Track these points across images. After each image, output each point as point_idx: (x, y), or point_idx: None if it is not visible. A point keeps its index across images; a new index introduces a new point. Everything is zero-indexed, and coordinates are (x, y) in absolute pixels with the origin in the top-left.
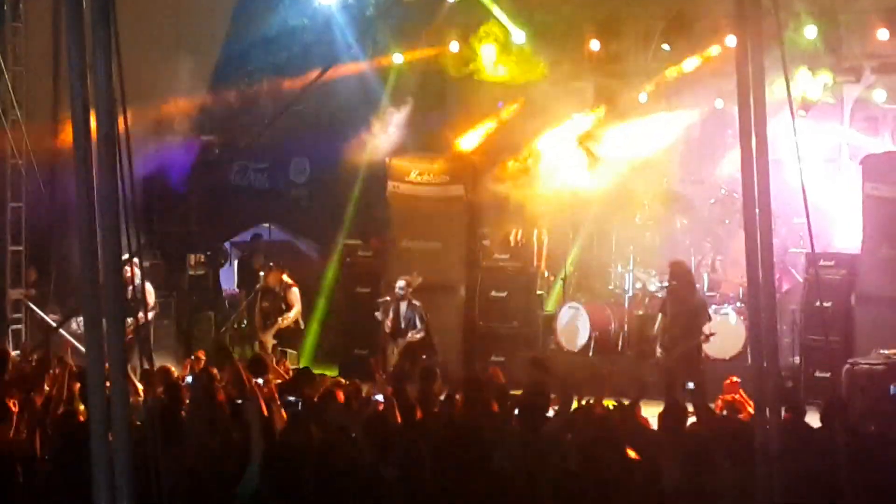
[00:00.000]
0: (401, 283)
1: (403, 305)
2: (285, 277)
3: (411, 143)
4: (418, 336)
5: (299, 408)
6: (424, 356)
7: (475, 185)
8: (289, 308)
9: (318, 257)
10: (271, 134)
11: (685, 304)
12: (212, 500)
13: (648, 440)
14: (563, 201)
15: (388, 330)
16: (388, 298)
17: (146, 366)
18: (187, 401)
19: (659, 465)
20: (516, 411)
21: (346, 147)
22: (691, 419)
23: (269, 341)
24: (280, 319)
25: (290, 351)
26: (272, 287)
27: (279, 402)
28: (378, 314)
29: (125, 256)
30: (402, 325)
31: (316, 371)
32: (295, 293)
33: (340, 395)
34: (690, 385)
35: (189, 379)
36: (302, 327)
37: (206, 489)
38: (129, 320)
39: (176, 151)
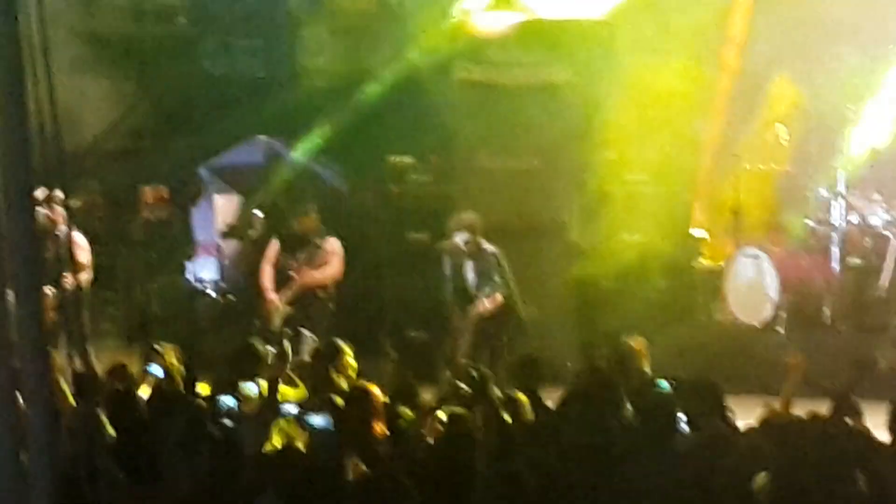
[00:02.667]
0: (461, 236)
1: (471, 260)
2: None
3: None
4: (490, 302)
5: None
6: (502, 336)
7: (594, 65)
8: (322, 266)
9: (345, 187)
10: None
11: None
12: None
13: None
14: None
15: (451, 298)
16: (455, 242)
17: (78, 360)
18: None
19: None
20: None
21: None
22: None
23: (281, 309)
24: (305, 273)
25: (306, 333)
26: (303, 236)
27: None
28: (446, 270)
29: (40, 191)
30: (473, 290)
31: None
32: (336, 247)
33: (377, 409)
34: None
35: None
36: (331, 304)
37: None
38: (51, 290)
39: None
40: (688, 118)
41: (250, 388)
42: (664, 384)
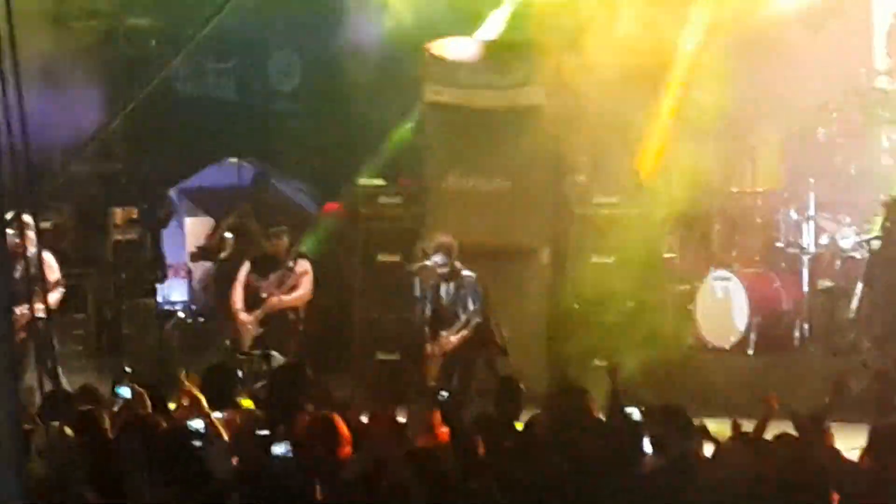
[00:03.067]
0: (437, 258)
1: (448, 284)
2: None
3: (460, 22)
4: (470, 324)
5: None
6: (483, 357)
7: (562, 87)
8: (293, 289)
9: (315, 209)
10: (238, 15)
11: None
12: None
13: (856, 481)
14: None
15: (425, 321)
16: (426, 265)
17: (48, 382)
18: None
19: None
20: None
21: (353, 31)
22: None
23: (251, 328)
24: (276, 296)
25: (276, 356)
26: (274, 258)
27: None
28: (416, 293)
29: (10, 214)
30: (449, 315)
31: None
32: (307, 269)
33: (343, 430)
34: None
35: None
36: (301, 327)
37: None
38: (20, 310)
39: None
40: (658, 140)
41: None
42: (634, 411)
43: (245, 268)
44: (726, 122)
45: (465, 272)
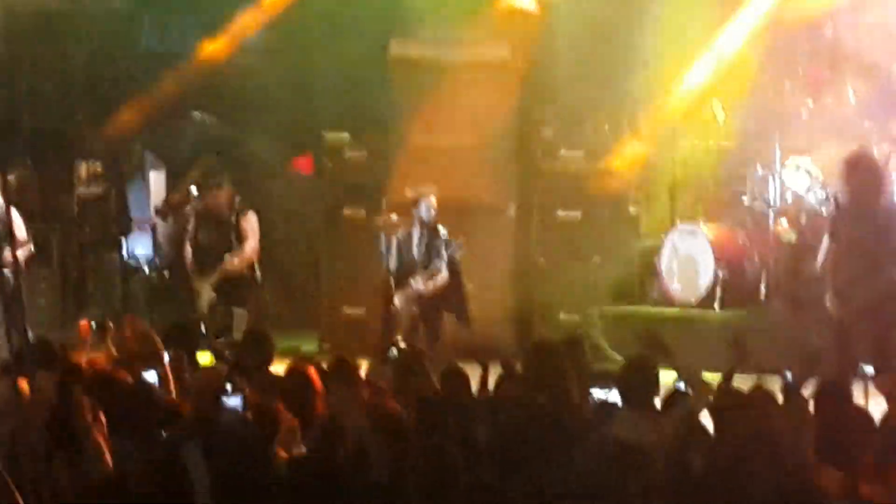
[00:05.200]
0: (429, 200)
1: (422, 235)
2: (238, 198)
3: None
4: (437, 279)
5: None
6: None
7: (529, 44)
8: (241, 242)
9: (281, 165)
10: None
11: (870, 222)
12: None
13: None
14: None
15: (392, 275)
16: (391, 218)
17: (15, 337)
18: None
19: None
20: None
21: None
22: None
23: (206, 293)
24: (227, 257)
25: (237, 310)
26: (217, 212)
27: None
28: (381, 246)
29: None
30: (418, 268)
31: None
32: (251, 222)
33: (318, 383)
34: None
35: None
36: (258, 276)
37: None
38: None
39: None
40: (626, 95)
41: None
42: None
43: (191, 225)
44: (693, 76)
45: (439, 227)
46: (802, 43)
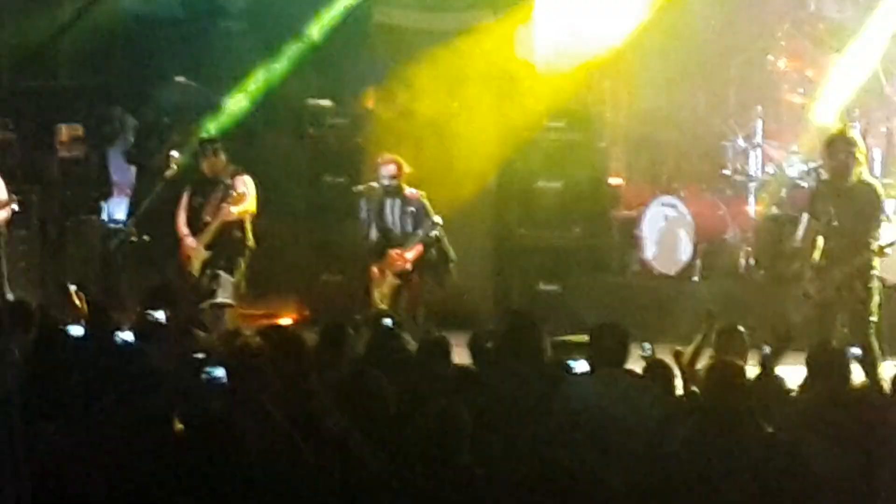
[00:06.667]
0: (388, 168)
1: (394, 203)
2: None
3: None
4: (424, 242)
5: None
6: (432, 278)
7: (513, 11)
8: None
9: (261, 129)
10: None
11: (849, 197)
12: None
13: (792, 411)
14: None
15: (371, 242)
16: (372, 185)
17: None
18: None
19: (806, 445)
20: None
21: None
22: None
23: (199, 253)
24: (223, 206)
25: (225, 276)
26: (212, 176)
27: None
28: (362, 213)
29: None
30: (397, 234)
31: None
32: (248, 184)
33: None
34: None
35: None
36: (250, 244)
37: None
38: None
39: None
40: (608, 65)
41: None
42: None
43: (186, 191)
44: (673, 48)
45: (410, 190)
46: (784, 15)
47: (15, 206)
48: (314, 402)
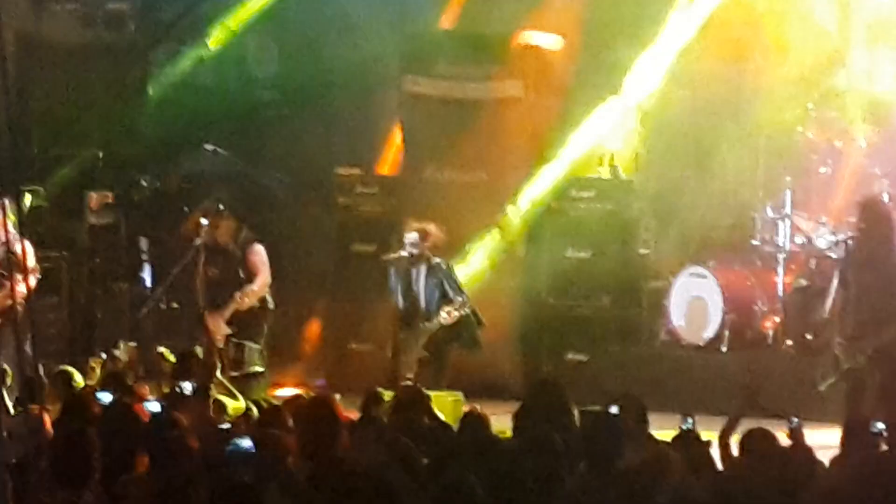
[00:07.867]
0: (411, 235)
1: (420, 272)
2: (245, 231)
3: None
4: (456, 314)
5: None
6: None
7: (542, 81)
8: (251, 278)
9: (291, 198)
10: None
11: (881, 269)
12: None
13: (825, 483)
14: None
15: (399, 311)
16: (401, 254)
17: (27, 368)
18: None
19: None
20: None
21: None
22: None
23: (221, 329)
24: (238, 295)
25: (250, 345)
26: (223, 244)
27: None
28: (391, 282)
29: None
30: (423, 304)
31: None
32: (260, 254)
33: (342, 414)
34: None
35: (104, 396)
36: (270, 307)
37: None
38: None
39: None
40: (638, 134)
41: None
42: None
43: (201, 260)
44: (703, 118)
45: (439, 261)
46: (814, 86)
47: (37, 275)
48: (345, 470)
